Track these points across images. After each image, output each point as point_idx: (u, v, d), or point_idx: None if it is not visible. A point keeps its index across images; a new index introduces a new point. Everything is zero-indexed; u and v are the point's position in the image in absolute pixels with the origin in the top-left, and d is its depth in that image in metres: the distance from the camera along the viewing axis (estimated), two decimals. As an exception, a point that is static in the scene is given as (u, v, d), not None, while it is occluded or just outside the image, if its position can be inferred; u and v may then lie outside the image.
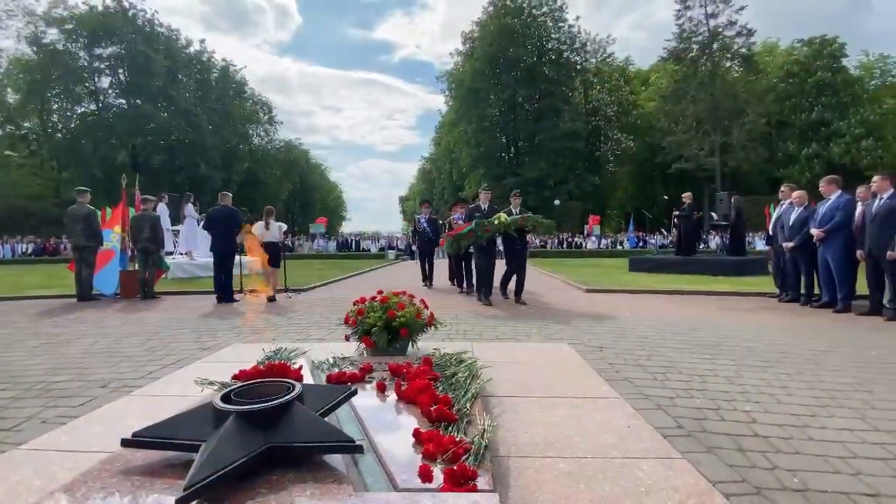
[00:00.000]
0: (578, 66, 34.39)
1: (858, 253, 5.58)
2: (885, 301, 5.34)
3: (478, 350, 3.64)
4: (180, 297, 7.86)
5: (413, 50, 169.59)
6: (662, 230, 26.78)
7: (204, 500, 1.20)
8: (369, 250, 29.02)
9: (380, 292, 3.59)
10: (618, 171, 36.24)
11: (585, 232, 27.85)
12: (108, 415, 2.41)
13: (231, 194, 7.35)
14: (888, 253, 4.96)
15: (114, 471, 1.42)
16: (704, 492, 1.70)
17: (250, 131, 45.86)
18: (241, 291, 7.69)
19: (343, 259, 23.51)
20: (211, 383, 2.32)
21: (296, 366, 2.52)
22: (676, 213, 12.59)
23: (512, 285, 6.89)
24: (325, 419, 1.71)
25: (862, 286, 5.85)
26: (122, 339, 4.46)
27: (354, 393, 1.89)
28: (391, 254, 24.31)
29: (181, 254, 11.83)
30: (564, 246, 27.42)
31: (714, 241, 19.49)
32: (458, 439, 1.76)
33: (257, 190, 45.26)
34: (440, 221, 10.25)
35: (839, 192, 5.88)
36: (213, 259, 7.16)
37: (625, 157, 34.84)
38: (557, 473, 1.83)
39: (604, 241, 28.44)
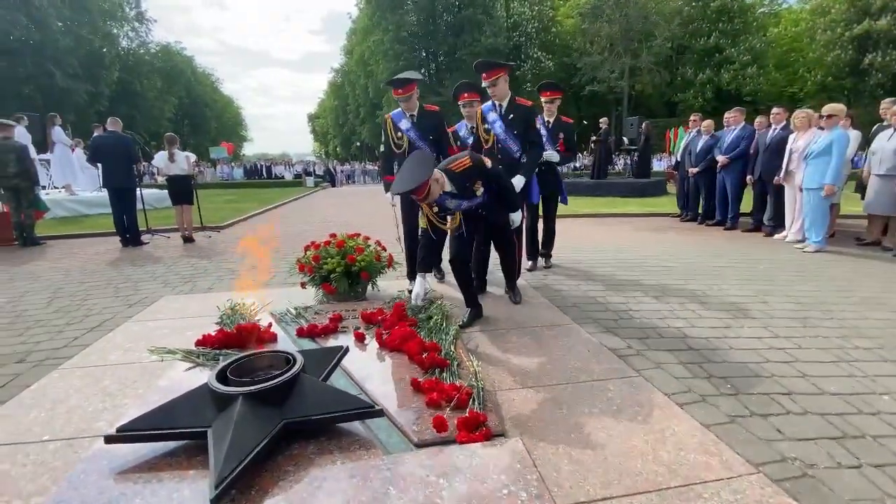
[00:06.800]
0: (500, -27, 32.47)
1: (748, 178, 6.41)
2: (765, 219, 6.31)
3: (436, 287, 3.71)
4: (70, 242, 6.78)
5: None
6: (578, 153, 28.18)
7: (236, 493, 1.15)
8: (283, 177, 26.90)
9: (333, 236, 3.42)
10: (535, 92, 36.36)
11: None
12: (44, 395, 2.12)
13: (121, 120, 6.16)
14: (775, 178, 5.74)
15: (104, 471, 1.28)
16: (664, 404, 2.00)
17: (115, 30, 37.57)
18: (149, 231, 6.83)
19: (254, 188, 21.61)
20: (170, 352, 2.12)
21: (264, 324, 2.38)
22: (594, 137, 13.21)
23: None
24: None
25: (746, 206, 6.83)
26: (18, 300, 3.80)
27: (347, 351, 1.85)
28: (310, 181, 22.80)
29: (57, 188, 9.99)
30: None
31: (619, 164, 20.99)
32: (458, 385, 1.84)
33: (134, 105, 38.33)
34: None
35: (743, 122, 6.55)
36: (108, 196, 6.15)
37: (543, 77, 34.89)
38: (541, 402, 2.02)
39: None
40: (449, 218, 2.74)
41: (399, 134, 3.65)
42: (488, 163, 2.74)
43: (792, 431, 1.83)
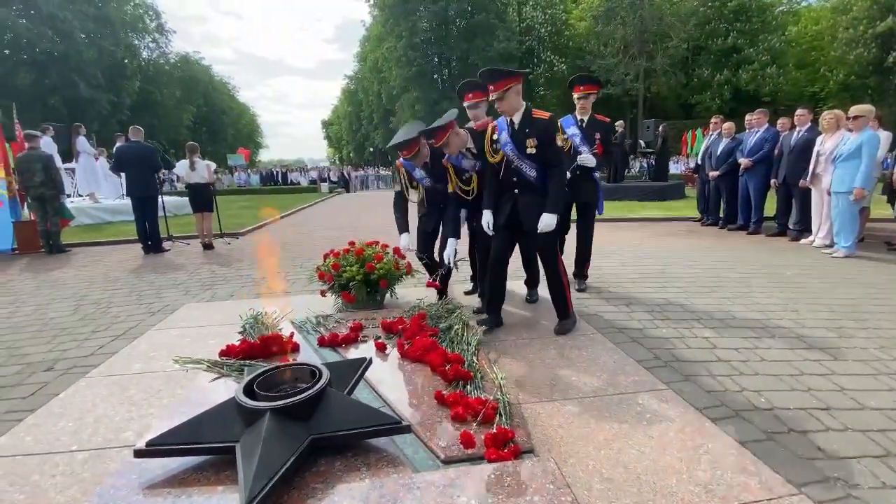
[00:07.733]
0: (512, -23, 32.54)
1: (772, 181, 6.25)
2: (790, 223, 6.14)
3: (454, 294, 3.69)
4: (94, 249, 6.94)
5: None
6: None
7: (266, 511, 1.13)
8: (299, 183, 27.25)
9: (352, 244, 3.42)
10: (547, 96, 36.18)
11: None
12: (72, 404, 2.14)
13: (143, 129, 6.30)
14: (801, 181, 5.59)
15: (133, 486, 1.28)
16: (696, 419, 1.93)
17: (136, 42, 38.66)
18: (169, 238, 6.95)
19: (271, 193, 21.94)
20: (196, 362, 2.13)
21: (286, 333, 2.38)
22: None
23: None
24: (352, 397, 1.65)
25: (769, 210, 6.66)
26: (45, 307, 3.89)
27: (371, 363, 1.83)
28: (325, 186, 23.07)
29: (81, 196, 10.25)
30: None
31: (635, 167, 20.73)
32: (483, 399, 1.80)
33: (154, 114, 39.26)
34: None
35: (767, 124, 6.39)
36: (131, 204, 6.28)
37: (555, 81, 34.70)
38: (568, 415, 1.97)
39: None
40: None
41: (414, 183, 3.30)
42: (559, 142, 3.01)
43: (833, 449, 1.75)
